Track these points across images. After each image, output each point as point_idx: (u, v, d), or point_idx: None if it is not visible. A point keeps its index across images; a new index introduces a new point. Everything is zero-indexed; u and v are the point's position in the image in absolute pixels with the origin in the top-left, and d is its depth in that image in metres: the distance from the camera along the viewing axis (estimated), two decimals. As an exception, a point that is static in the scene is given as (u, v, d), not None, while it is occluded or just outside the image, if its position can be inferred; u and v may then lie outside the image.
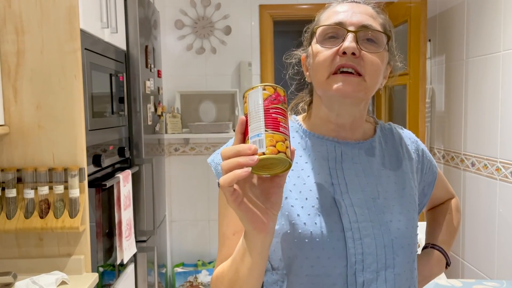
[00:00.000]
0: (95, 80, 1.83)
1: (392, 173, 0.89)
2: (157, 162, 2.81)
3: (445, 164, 2.97)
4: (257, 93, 0.68)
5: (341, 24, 0.82)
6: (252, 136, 0.65)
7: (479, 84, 2.52)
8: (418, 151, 0.97)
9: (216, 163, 0.88)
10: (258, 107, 0.67)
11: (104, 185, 1.79)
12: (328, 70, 0.81)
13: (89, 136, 1.74)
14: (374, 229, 0.81)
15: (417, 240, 0.88)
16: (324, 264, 0.79)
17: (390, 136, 0.95)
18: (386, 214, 0.84)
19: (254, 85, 0.70)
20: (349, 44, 0.79)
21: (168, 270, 3.29)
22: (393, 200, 0.86)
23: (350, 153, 0.88)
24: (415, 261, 0.88)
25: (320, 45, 0.83)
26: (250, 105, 0.69)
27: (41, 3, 1.60)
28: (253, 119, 0.67)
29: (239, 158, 0.62)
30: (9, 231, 1.58)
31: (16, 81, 1.61)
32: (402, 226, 0.84)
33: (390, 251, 0.82)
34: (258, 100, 0.68)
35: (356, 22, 0.82)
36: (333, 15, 0.85)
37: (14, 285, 1.48)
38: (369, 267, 0.80)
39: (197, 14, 3.34)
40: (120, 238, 2.01)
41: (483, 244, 2.52)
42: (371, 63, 0.81)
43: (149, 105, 2.55)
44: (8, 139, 1.63)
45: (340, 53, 0.80)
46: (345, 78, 0.80)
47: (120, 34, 2.21)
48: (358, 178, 0.86)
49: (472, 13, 2.58)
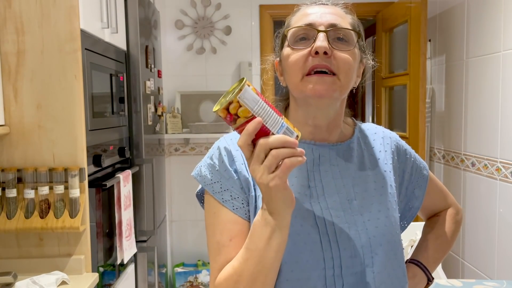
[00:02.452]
0: (95, 80, 1.83)
1: (372, 173, 0.90)
2: (157, 162, 2.82)
3: (445, 164, 2.97)
4: (249, 92, 0.69)
5: (311, 25, 0.84)
6: (278, 130, 0.71)
7: (479, 84, 2.52)
8: (399, 151, 0.97)
9: (202, 176, 0.88)
10: (260, 103, 0.70)
11: (105, 185, 1.79)
12: (301, 72, 0.82)
13: (89, 136, 1.74)
14: (350, 230, 0.83)
15: (400, 237, 0.89)
16: (303, 268, 0.80)
17: (370, 137, 0.96)
18: (364, 214, 0.85)
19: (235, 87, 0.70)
20: (320, 43, 0.80)
21: (168, 270, 3.29)
22: (371, 199, 0.87)
23: (327, 155, 0.89)
24: (398, 256, 0.87)
25: (292, 47, 0.84)
26: (250, 105, 0.69)
27: (41, 3, 1.60)
28: (264, 116, 0.70)
29: (293, 150, 0.69)
30: (9, 231, 1.58)
31: (16, 81, 1.61)
32: (381, 224, 0.85)
33: (368, 251, 0.83)
34: (256, 98, 0.70)
35: (326, 22, 0.84)
36: (302, 17, 0.86)
37: (14, 285, 1.48)
38: (347, 268, 0.81)
39: (197, 14, 3.34)
40: (120, 238, 2.01)
41: (483, 244, 2.52)
42: (343, 61, 0.82)
43: (149, 105, 2.55)
44: (8, 139, 1.63)
45: (312, 54, 0.81)
46: (319, 78, 0.81)
47: (121, 34, 2.22)
48: (334, 180, 0.87)
49: (472, 13, 2.58)
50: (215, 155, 0.88)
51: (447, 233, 1.07)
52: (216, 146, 0.90)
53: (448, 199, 1.11)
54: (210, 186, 0.86)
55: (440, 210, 1.11)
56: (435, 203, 1.09)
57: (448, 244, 1.07)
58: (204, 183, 0.87)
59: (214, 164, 0.87)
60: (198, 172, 0.89)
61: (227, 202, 0.85)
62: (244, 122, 0.70)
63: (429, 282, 1.02)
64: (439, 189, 1.08)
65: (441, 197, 1.09)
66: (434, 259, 1.04)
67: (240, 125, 0.70)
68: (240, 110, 0.69)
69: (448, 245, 1.07)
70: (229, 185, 0.85)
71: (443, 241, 1.07)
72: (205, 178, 0.87)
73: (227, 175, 0.86)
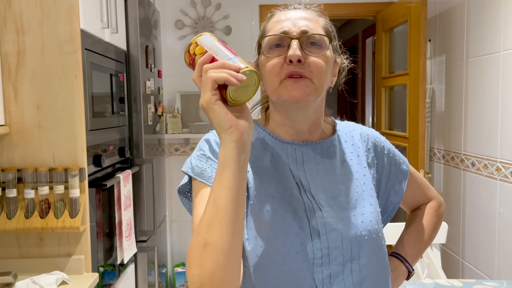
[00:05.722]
0: (96, 80, 1.83)
1: (353, 170, 0.94)
2: (158, 162, 2.82)
3: (445, 164, 2.97)
4: (208, 37, 0.78)
5: (285, 33, 0.87)
6: (228, 60, 0.74)
7: (479, 84, 2.52)
8: (376, 148, 1.01)
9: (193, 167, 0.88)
10: (216, 45, 0.77)
11: (105, 185, 1.79)
12: (278, 78, 0.86)
13: (90, 136, 1.74)
14: (337, 224, 0.86)
15: (382, 231, 0.92)
16: (294, 259, 0.83)
17: (349, 134, 1.00)
18: (350, 210, 0.88)
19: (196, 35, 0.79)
20: (293, 52, 0.83)
21: (168, 270, 3.29)
22: (355, 195, 0.90)
23: (311, 153, 0.92)
24: (382, 249, 0.91)
25: (267, 55, 0.88)
26: (206, 44, 0.77)
27: (41, 3, 1.60)
28: (217, 53, 0.75)
29: (228, 70, 0.72)
30: (9, 231, 1.58)
31: (16, 81, 1.61)
32: (366, 219, 0.88)
33: (356, 244, 0.86)
34: (214, 41, 0.77)
35: (299, 29, 0.87)
36: (276, 24, 0.90)
37: (15, 285, 1.48)
38: (335, 259, 0.84)
39: (197, 14, 3.34)
40: (120, 238, 2.01)
41: (483, 244, 2.52)
42: (316, 66, 0.85)
43: (149, 105, 2.55)
44: (9, 139, 1.63)
45: (287, 62, 0.85)
46: (295, 83, 0.84)
47: (121, 34, 2.22)
48: (319, 178, 0.90)
49: (472, 13, 2.58)
50: (204, 146, 0.90)
51: (428, 226, 1.11)
52: (205, 138, 0.92)
53: (429, 193, 1.15)
54: (201, 174, 0.86)
55: (422, 204, 1.15)
56: (417, 196, 1.13)
57: (429, 237, 1.11)
58: (194, 172, 0.87)
59: (204, 153, 0.89)
60: (188, 165, 0.90)
61: None
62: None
63: (410, 274, 1.06)
64: (420, 183, 1.12)
65: (422, 191, 1.13)
66: (415, 252, 1.08)
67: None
68: (197, 48, 0.77)
69: (429, 238, 1.11)
70: None
71: (424, 234, 1.11)
72: (195, 168, 0.88)
73: (216, 159, 0.87)
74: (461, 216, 2.76)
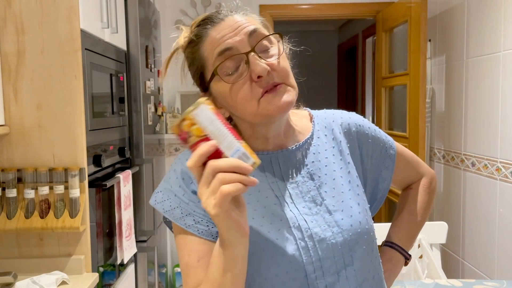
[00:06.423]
0: (96, 80, 1.83)
1: (336, 167, 0.88)
2: (158, 162, 2.82)
3: (445, 164, 2.97)
4: (205, 111, 0.66)
5: (233, 51, 0.77)
6: (233, 154, 0.65)
7: (479, 84, 2.52)
8: (360, 137, 0.94)
9: (160, 203, 0.84)
10: (215, 123, 0.66)
11: (105, 185, 1.79)
12: (255, 100, 0.78)
13: (90, 136, 1.74)
14: (326, 233, 0.81)
15: (373, 227, 0.88)
16: (285, 280, 0.79)
17: (328, 126, 0.93)
18: (336, 213, 0.83)
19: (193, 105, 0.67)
20: (260, 67, 0.76)
21: (168, 270, 3.29)
22: (341, 196, 0.85)
23: (288, 161, 0.86)
24: (374, 249, 0.87)
25: (227, 81, 0.78)
26: (204, 123, 0.66)
27: (41, 3, 1.60)
28: (220, 140, 0.66)
29: (241, 177, 0.63)
30: (9, 231, 1.58)
31: (16, 81, 1.61)
32: (355, 221, 0.83)
33: (347, 249, 0.81)
34: (211, 117, 0.66)
35: (246, 40, 0.78)
36: (214, 45, 0.79)
37: (15, 285, 1.48)
38: (328, 270, 0.80)
39: (197, 14, 3.34)
40: (120, 238, 2.01)
41: (483, 244, 2.52)
42: (282, 69, 0.79)
43: (149, 105, 2.55)
44: (9, 139, 1.63)
45: (254, 79, 0.77)
46: (275, 95, 0.78)
47: (121, 34, 2.22)
48: (300, 186, 0.84)
49: (472, 13, 2.58)
50: (172, 179, 0.83)
51: (420, 206, 1.06)
52: (173, 169, 0.85)
53: (420, 169, 1.09)
54: (170, 212, 0.82)
55: (414, 181, 1.09)
56: (407, 174, 1.07)
57: (422, 218, 1.06)
58: (163, 209, 0.82)
59: (171, 189, 0.83)
60: (155, 199, 0.84)
61: (191, 227, 0.80)
62: (197, 141, 0.66)
63: (407, 261, 1.02)
64: (409, 161, 1.06)
65: (412, 168, 1.07)
66: (409, 237, 1.04)
67: (193, 144, 0.67)
68: (193, 128, 0.66)
69: (422, 219, 1.06)
70: (189, 209, 0.81)
71: (416, 217, 1.06)
72: (163, 205, 0.83)
73: (186, 199, 0.81)
74: (461, 216, 2.76)
